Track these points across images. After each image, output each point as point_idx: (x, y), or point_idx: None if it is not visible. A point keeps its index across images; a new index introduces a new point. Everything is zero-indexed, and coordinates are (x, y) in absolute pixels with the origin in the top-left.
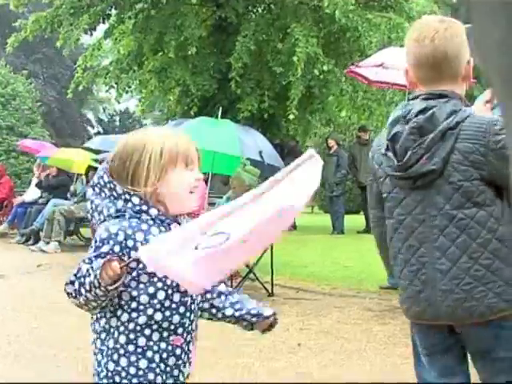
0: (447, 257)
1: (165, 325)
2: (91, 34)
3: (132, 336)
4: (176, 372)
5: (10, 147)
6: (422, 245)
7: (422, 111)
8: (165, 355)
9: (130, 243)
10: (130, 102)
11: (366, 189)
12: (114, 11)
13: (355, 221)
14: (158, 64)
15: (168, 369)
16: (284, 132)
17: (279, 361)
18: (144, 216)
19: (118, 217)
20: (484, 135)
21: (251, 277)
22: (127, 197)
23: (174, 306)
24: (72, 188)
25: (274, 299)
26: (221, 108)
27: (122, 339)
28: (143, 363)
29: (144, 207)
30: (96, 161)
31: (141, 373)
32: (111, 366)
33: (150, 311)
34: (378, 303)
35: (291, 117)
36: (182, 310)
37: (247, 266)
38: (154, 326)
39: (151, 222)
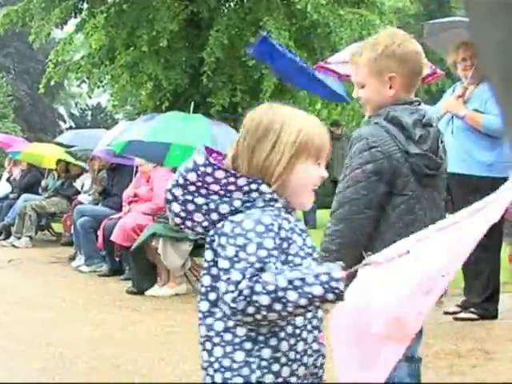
0: None
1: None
2: (62, 28)
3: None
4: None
5: None
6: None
7: (425, 114)
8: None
9: (283, 233)
10: (102, 97)
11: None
12: (85, 5)
13: (326, 215)
14: (130, 59)
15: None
16: None
17: None
18: (276, 205)
19: (248, 208)
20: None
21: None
22: (253, 186)
23: None
24: (43, 183)
25: None
26: (193, 103)
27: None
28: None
29: (275, 195)
30: (70, 154)
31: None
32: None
33: None
34: None
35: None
36: None
37: None
38: None
39: (283, 212)
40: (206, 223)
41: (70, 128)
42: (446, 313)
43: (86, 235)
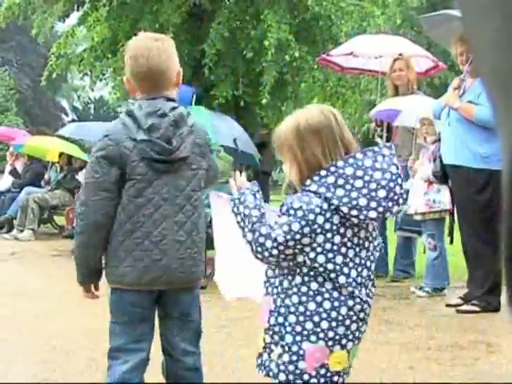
0: (184, 230)
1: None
2: (64, 21)
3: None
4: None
5: None
6: (165, 220)
7: (174, 109)
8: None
9: None
10: (105, 90)
11: None
12: None
13: None
14: None
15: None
16: (258, 120)
17: (251, 347)
18: None
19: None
20: (205, 133)
21: None
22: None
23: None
24: (46, 176)
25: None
26: (195, 95)
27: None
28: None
29: None
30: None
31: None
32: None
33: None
34: None
35: (264, 101)
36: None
37: None
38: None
39: None
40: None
41: (73, 121)
42: (449, 305)
43: None
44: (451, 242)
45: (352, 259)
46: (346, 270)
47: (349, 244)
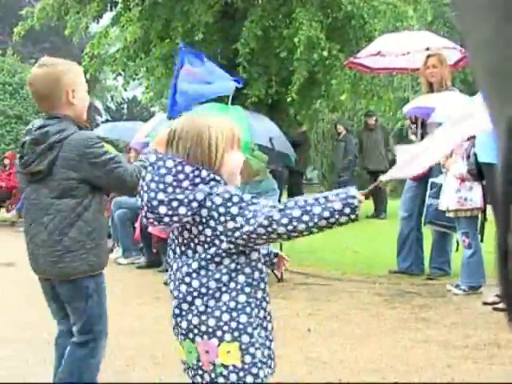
0: (47, 231)
1: None
2: (98, 22)
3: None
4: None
5: (18, 136)
6: (33, 221)
7: (40, 128)
8: None
9: None
10: (138, 90)
11: (374, 174)
12: None
13: (364, 206)
14: (165, 51)
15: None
16: (291, 118)
17: (288, 346)
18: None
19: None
20: (80, 147)
21: None
22: (211, 176)
23: None
24: None
25: (284, 285)
26: (230, 95)
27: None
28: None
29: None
30: (111, 144)
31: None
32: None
33: None
34: (387, 288)
35: (289, 99)
36: None
37: None
38: None
39: None
40: (189, 213)
41: (107, 121)
42: (485, 303)
43: (123, 227)
44: (481, 240)
45: (179, 256)
46: (173, 264)
47: (176, 241)
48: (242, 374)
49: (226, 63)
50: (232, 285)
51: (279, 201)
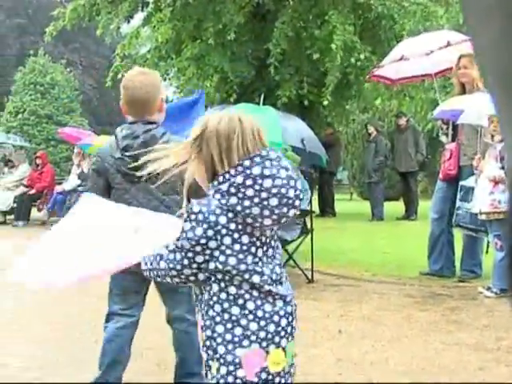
0: None
1: None
2: (128, 22)
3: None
4: None
5: (50, 136)
6: None
7: (146, 132)
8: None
9: None
10: (169, 91)
11: (404, 175)
12: None
13: (395, 207)
14: (197, 51)
15: None
16: (322, 119)
17: (319, 347)
18: None
19: None
20: None
21: (291, 263)
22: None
23: None
24: None
25: (314, 286)
26: (263, 94)
27: None
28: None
29: None
30: None
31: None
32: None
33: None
34: (418, 289)
35: (325, 103)
36: None
37: (287, 252)
38: None
39: None
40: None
41: None
42: None
43: None
44: None
45: (261, 258)
46: (258, 268)
47: (258, 243)
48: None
49: (258, 64)
50: None
51: (310, 201)
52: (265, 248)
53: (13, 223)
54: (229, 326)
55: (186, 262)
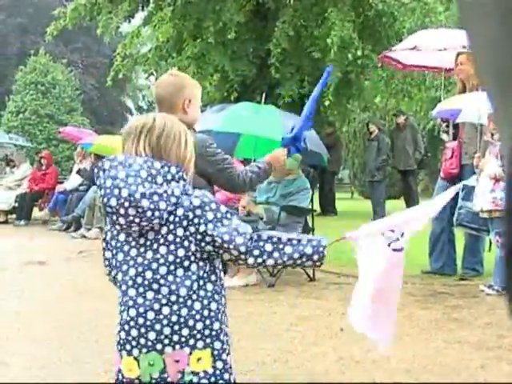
0: None
1: None
2: (129, 22)
3: None
4: None
5: (51, 135)
6: None
7: None
8: None
9: None
10: None
11: (405, 174)
12: None
13: (396, 206)
14: (197, 50)
15: None
16: (323, 118)
17: (321, 346)
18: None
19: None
20: (201, 146)
21: None
22: (181, 174)
23: None
24: None
25: (316, 284)
26: (264, 93)
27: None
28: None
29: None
30: None
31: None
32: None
33: None
34: (419, 288)
35: (327, 103)
36: None
37: None
38: None
39: None
40: (168, 208)
41: None
42: None
43: None
44: None
45: (134, 258)
46: (124, 267)
47: (133, 243)
48: (213, 379)
49: (259, 62)
50: (202, 293)
51: (312, 200)
52: (142, 250)
53: (14, 222)
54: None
55: None
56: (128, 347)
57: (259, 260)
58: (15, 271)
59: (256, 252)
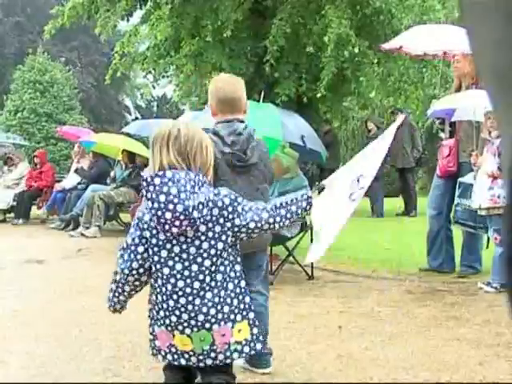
0: None
1: None
2: (128, 20)
3: None
4: None
5: (49, 134)
6: None
7: (245, 128)
8: None
9: None
10: (168, 88)
11: (403, 172)
12: None
13: (394, 204)
14: (195, 48)
15: None
16: (321, 116)
17: (319, 343)
18: None
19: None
20: (263, 146)
21: (291, 260)
22: (205, 179)
23: None
24: (112, 173)
25: (314, 282)
26: (263, 91)
27: None
28: None
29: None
30: (143, 143)
31: None
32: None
33: None
34: (418, 285)
35: (319, 95)
36: None
37: (287, 249)
38: None
39: None
40: (208, 213)
41: (136, 119)
42: None
43: None
44: None
45: (178, 254)
46: (170, 262)
47: (174, 241)
48: (252, 344)
49: (256, 60)
50: (232, 274)
51: None
52: (186, 263)
53: (12, 221)
54: (151, 307)
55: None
56: (180, 328)
57: (281, 224)
58: (13, 270)
59: (278, 219)
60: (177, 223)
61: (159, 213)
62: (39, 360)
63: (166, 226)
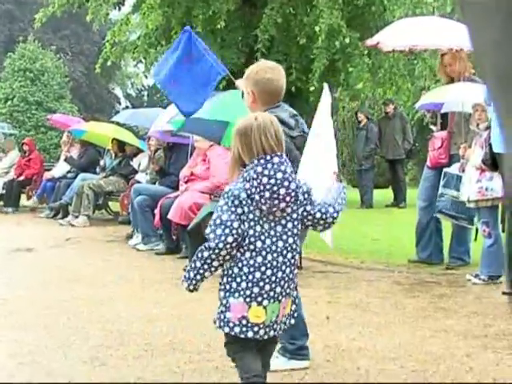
0: None
1: None
2: (119, 9)
3: None
4: None
5: (39, 122)
6: None
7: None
8: None
9: None
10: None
11: (394, 163)
12: None
13: (384, 195)
14: None
15: None
16: (311, 106)
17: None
18: None
19: None
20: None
21: None
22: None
23: None
24: (101, 162)
25: (303, 272)
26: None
27: None
28: None
29: None
30: (132, 132)
31: None
32: None
33: None
34: (406, 276)
35: (311, 88)
36: None
37: None
38: None
39: None
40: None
41: (126, 108)
42: (505, 293)
43: (143, 214)
44: (503, 230)
45: (267, 231)
46: (262, 237)
47: (264, 219)
48: (295, 314)
49: (247, 51)
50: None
51: None
52: (272, 224)
53: (2, 210)
54: (229, 279)
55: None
56: (259, 299)
57: (338, 218)
58: (3, 258)
59: (335, 215)
60: (287, 199)
61: (275, 188)
62: (27, 348)
63: (275, 201)
